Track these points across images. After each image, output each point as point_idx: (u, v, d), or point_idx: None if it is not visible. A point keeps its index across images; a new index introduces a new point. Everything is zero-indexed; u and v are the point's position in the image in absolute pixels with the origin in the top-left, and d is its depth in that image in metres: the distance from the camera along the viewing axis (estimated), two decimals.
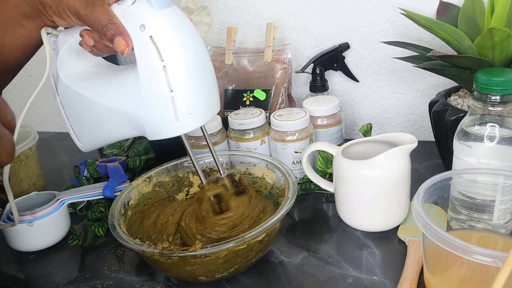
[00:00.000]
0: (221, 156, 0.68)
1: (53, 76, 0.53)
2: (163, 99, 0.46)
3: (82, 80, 0.52)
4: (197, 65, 0.47)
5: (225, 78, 0.84)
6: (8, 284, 0.60)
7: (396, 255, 0.56)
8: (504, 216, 0.53)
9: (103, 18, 0.44)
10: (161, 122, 0.47)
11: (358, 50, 0.83)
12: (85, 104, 0.51)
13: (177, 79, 0.46)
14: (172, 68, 0.45)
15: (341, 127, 0.77)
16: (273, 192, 0.63)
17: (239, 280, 0.55)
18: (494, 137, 0.51)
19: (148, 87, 0.46)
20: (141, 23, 0.44)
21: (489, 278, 0.38)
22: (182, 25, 0.47)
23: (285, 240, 0.62)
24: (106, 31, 0.44)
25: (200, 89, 0.48)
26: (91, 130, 0.53)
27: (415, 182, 0.56)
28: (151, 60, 0.45)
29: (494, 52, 0.58)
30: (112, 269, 0.60)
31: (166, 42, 0.45)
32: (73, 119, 0.54)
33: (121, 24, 0.45)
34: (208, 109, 0.49)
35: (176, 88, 0.46)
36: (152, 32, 0.44)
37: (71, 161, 0.93)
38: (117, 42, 0.44)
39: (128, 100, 0.48)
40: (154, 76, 0.45)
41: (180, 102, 0.46)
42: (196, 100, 0.48)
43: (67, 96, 0.52)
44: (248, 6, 0.87)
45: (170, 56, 0.45)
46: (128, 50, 0.45)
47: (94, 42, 0.47)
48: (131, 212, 0.61)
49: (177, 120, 0.47)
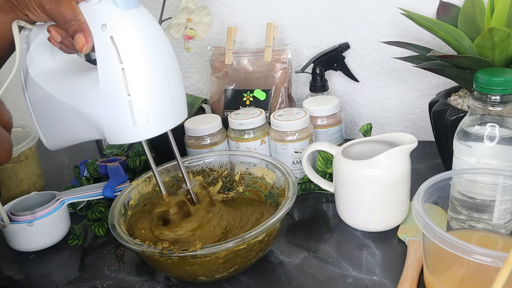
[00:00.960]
0: (221, 156, 0.68)
1: (23, 71, 0.51)
2: (120, 103, 0.45)
3: (50, 76, 0.51)
4: (159, 70, 0.46)
5: (225, 78, 0.84)
6: (8, 284, 0.60)
7: (396, 255, 0.56)
8: (504, 216, 0.53)
9: (67, 14, 0.44)
10: (119, 126, 0.46)
11: (358, 50, 0.83)
12: (50, 102, 0.50)
13: (135, 83, 0.44)
14: (130, 71, 0.44)
15: (341, 127, 0.77)
16: (273, 192, 0.63)
17: (239, 280, 0.55)
18: (494, 137, 0.51)
19: (106, 89, 0.45)
20: (103, 22, 0.44)
21: (489, 278, 0.37)
22: (147, 27, 0.45)
23: (285, 240, 0.62)
24: (69, 27, 0.44)
25: (161, 96, 0.46)
26: (56, 128, 0.52)
27: (415, 182, 0.56)
28: (110, 61, 0.44)
29: (494, 52, 0.58)
30: (112, 269, 0.60)
31: (127, 44, 0.44)
32: (39, 116, 0.53)
33: (84, 22, 0.44)
34: (169, 117, 0.48)
35: (134, 93, 0.44)
36: (112, 33, 0.43)
37: (71, 161, 0.93)
38: (77, 39, 0.44)
39: (89, 101, 0.47)
40: (112, 78, 0.44)
41: (137, 107, 0.45)
42: (155, 107, 0.46)
43: (34, 92, 0.51)
44: (248, 6, 0.87)
45: (129, 58, 0.44)
46: (87, 48, 0.44)
47: (61, 38, 0.47)
48: (131, 212, 0.61)
49: (134, 126, 0.46)
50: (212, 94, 0.85)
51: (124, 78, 0.44)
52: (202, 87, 0.98)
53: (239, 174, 0.67)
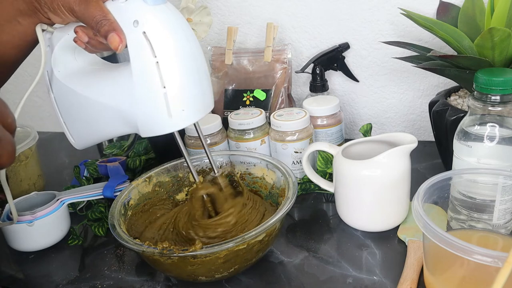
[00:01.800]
0: (221, 156, 0.68)
1: (48, 73, 0.52)
2: (155, 96, 0.46)
3: (76, 76, 0.52)
4: (190, 62, 0.47)
5: (225, 78, 0.84)
6: (8, 284, 0.60)
7: (396, 255, 0.56)
8: (504, 216, 0.53)
9: (97, 14, 0.45)
10: (154, 118, 0.47)
11: (358, 50, 0.83)
12: (79, 101, 0.51)
13: (170, 75, 0.46)
14: (165, 64, 0.45)
15: (341, 127, 0.77)
16: (273, 192, 0.63)
17: (239, 280, 0.55)
18: (494, 137, 0.51)
19: (141, 83, 0.46)
20: (134, 19, 0.45)
21: (489, 278, 0.37)
22: (176, 22, 0.47)
23: (285, 240, 0.62)
24: (100, 27, 0.45)
25: (193, 86, 0.48)
26: (84, 127, 0.53)
27: (415, 182, 0.56)
28: (144, 56, 0.45)
29: (494, 52, 0.58)
30: (112, 269, 0.60)
31: (159, 38, 0.45)
32: (67, 116, 0.54)
33: (115, 21, 0.45)
34: (201, 106, 0.49)
35: (168, 85, 0.46)
36: (145, 28, 0.44)
37: (71, 161, 0.93)
38: (111, 38, 0.44)
39: (122, 97, 0.48)
40: (147, 72, 0.45)
41: (172, 98, 0.46)
42: (189, 97, 0.48)
43: (61, 92, 0.52)
44: (248, 6, 0.87)
45: (163, 52, 0.45)
46: (122, 46, 0.45)
47: (88, 38, 0.47)
48: (131, 212, 0.61)
49: (170, 117, 0.47)
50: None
51: (159, 71, 0.45)
52: None
53: (239, 174, 0.67)
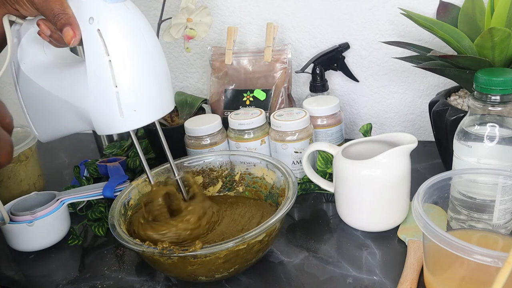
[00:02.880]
0: (221, 156, 0.68)
1: (14, 64, 0.53)
2: (107, 94, 0.46)
3: (40, 70, 0.52)
4: (146, 63, 0.47)
5: (225, 78, 0.84)
6: (8, 284, 0.60)
7: (396, 255, 0.56)
8: (504, 216, 0.53)
9: (55, 8, 0.45)
10: (107, 117, 0.47)
11: (358, 50, 0.83)
12: (41, 95, 0.51)
13: (122, 74, 0.46)
14: (117, 63, 0.45)
15: (341, 127, 0.77)
16: (273, 192, 0.63)
17: (239, 280, 0.55)
18: (494, 137, 0.51)
19: (94, 81, 0.46)
20: (90, 16, 0.45)
21: (489, 278, 0.38)
22: (133, 21, 0.47)
23: (285, 240, 0.62)
24: (57, 21, 0.45)
25: (148, 88, 0.48)
26: (47, 121, 0.53)
27: (415, 182, 0.56)
28: (98, 53, 0.45)
29: (494, 52, 0.58)
30: (112, 269, 0.60)
31: (113, 37, 0.45)
32: (31, 109, 0.54)
33: (72, 15, 0.45)
34: (156, 108, 0.49)
35: (120, 84, 0.46)
36: (100, 26, 0.45)
37: (71, 161, 0.93)
38: (65, 32, 0.45)
39: (78, 93, 0.48)
40: (99, 70, 0.46)
41: (124, 98, 0.46)
42: (142, 98, 0.48)
43: (25, 86, 0.53)
44: (248, 6, 0.87)
45: (116, 50, 0.45)
46: (75, 41, 0.45)
47: (51, 32, 0.48)
48: (131, 212, 0.61)
49: (122, 117, 0.47)
50: (212, 94, 0.85)
51: (111, 70, 0.45)
52: (202, 87, 0.98)
53: (239, 174, 0.67)
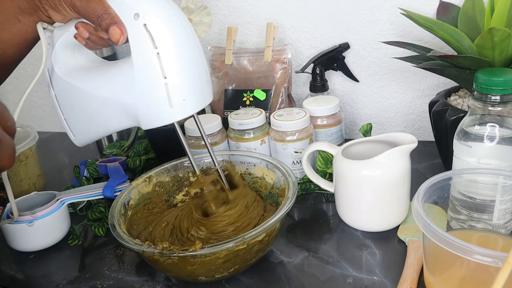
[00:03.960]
0: (221, 156, 0.68)
1: (48, 70, 0.53)
2: (157, 86, 0.47)
3: (76, 72, 0.53)
4: (190, 53, 0.48)
5: (225, 78, 0.84)
6: (8, 284, 0.60)
7: (396, 255, 0.56)
8: (504, 216, 0.53)
9: (98, 9, 0.46)
10: (155, 109, 0.48)
11: (358, 50, 0.83)
12: (79, 96, 0.52)
13: (170, 65, 0.47)
14: (165, 55, 0.46)
15: (341, 127, 0.77)
16: (273, 192, 0.63)
17: (239, 280, 0.55)
18: (494, 137, 0.51)
19: (142, 74, 0.47)
20: (135, 12, 0.46)
21: (489, 278, 0.38)
22: (175, 15, 0.48)
23: (285, 240, 0.62)
24: (101, 21, 0.45)
25: (193, 77, 0.49)
26: (85, 122, 0.53)
27: (415, 182, 0.56)
28: (145, 47, 0.46)
29: (494, 52, 0.58)
30: (112, 269, 0.60)
31: (160, 30, 0.46)
32: (67, 113, 0.54)
33: (115, 14, 0.46)
34: (201, 97, 0.50)
35: (169, 75, 0.47)
36: (146, 20, 0.46)
37: (71, 161, 0.93)
38: (112, 31, 0.45)
39: (123, 89, 0.49)
40: (148, 63, 0.46)
41: (173, 88, 0.47)
42: (189, 87, 0.49)
43: (61, 89, 0.53)
44: (248, 6, 0.87)
45: (163, 43, 0.46)
46: (123, 39, 0.46)
47: (89, 34, 0.48)
48: (131, 212, 0.61)
49: (171, 107, 0.48)
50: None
51: (160, 62, 0.46)
52: None
53: (239, 174, 0.67)
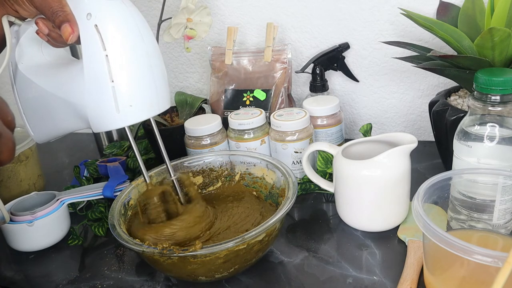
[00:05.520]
0: (221, 156, 0.68)
1: (12, 64, 0.53)
2: (104, 89, 0.46)
3: (38, 69, 0.52)
4: (142, 58, 0.47)
5: (225, 78, 0.84)
6: (8, 284, 0.60)
7: (396, 255, 0.56)
8: (504, 216, 0.53)
9: (54, 5, 0.46)
10: (103, 113, 0.48)
11: (358, 50, 0.83)
12: (38, 94, 0.52)
13: (118, 69, 0.46)
14: (114, 58, 0.46)
15: (341, 127, 0.77)
16: (273, 192, 0.63)
17: (239, 280, 0.55)
18: (494, 137, 0.51)
19: (91, 77, 0.47)
20: (88, 12, 0.46)
21: (489, 278, 0.38)
22: (130, 17, 0.47)
23: (285, 240, 0.62)
24: (55, 18, 0.46)
25: (144, 84, 0.48)
26: (43, 121, 0.53)
27: (415, 182, 0.56)
28: (94, 48, 0.46)
29: (494, 52, 0.58)
30: (112, 269, 0.60)
31: (110, 31, 0.46)
32: (27, 109, 0.54)
33: (70, 12, 0.46)
34: (152, 104, 0.49)
35: (117, 79, 0.46)
36: (97, 21, 0.45)
37: (71, 161, 0.93)
38: (64, 29, 0.45)
39: (74, 90, 0.48)
40: (96, 65, 0.46)
41: (120, 93, 0.47)
42: (138, 93, 0.48)
43: (23, 85, 0.53)
44: (248, 6, 0.87)
45: (113, 45, 0.46)
46: (73, 37, 0.46)
47: (49, 30, 0.48)
48: (131, 212, 0.61)
49: (118, 112, 0.47)
50: (212, 94, 0.85)
51: (108, 64, 0.46)
52: (202, 87, 0.98)
53: (239, 174, 0.67)
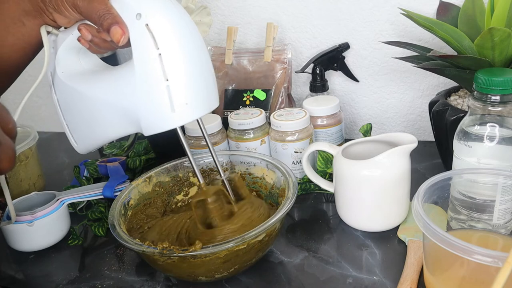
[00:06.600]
0: (221, 156, 0.68)
1: (51, 73, 0.52)
2: (158, 89, 0.45)
3: (79, 76, 0.52)
4: (194, 55, 0.46)
5: (225, 78, 0.84)
6: (8, 284, 0.60)
7: (396, 255, 0.56)
8: (504, 216, 0.53)
9: (100, 9, 0.45)
10: (157, 113, 0.46)
11: (358, 50, 0.83)
12: (81, 100, 0.51)
13: (173, 67, 0.45)
14: (167, 56, 0.44)
15: (341, 127, 0.77)
16: (273, 192, 0.63)
17: (239, 280, 0.55)
18: (494, 137, 0.51)
19: (143, 77, 0.45)
20: (137, 12, 0.45)
21: (489, 278, 0.38)
22: (179, 15, 0.46)
23: (285, 240, 0.62)
24: (103, 21, 0.45)
25: (197, 80, 0.47)
26: (87, 128, 0.52)
27: (415, 182, 0.56)
28: (147, 48, 0.45)
29: (494, 52, 0.58)
30: (112, 269, 0.60)
31: (162, 30, 0.45)
32: (69, 117, 0.53)
33: (117, 14, 0.45)
34: (205, 101, 0.48)
35: (171, 77, 0.45)
36: (148, 20, 0.44)
37: (71, 161, 0.93)
38: (113, 31, 0.44)
39: (124, 93, 0.47)
40: (149, 64, 0.45)
41: (175, 91, 0.45)
42: (192, 90, 0.46)
43: (63, 93, 0.52)
44: (248, 6, 0.87)
45: (165, 44, 0.44)
46: (124, 38, 0.45)
47: (92, 36, 0.48)
48: (131, 212, 0.61)
49: (173, 111, 0.46)
50: None
51: (161, 63, 0.44)
52: None
53: (239, 174, 0.67)
